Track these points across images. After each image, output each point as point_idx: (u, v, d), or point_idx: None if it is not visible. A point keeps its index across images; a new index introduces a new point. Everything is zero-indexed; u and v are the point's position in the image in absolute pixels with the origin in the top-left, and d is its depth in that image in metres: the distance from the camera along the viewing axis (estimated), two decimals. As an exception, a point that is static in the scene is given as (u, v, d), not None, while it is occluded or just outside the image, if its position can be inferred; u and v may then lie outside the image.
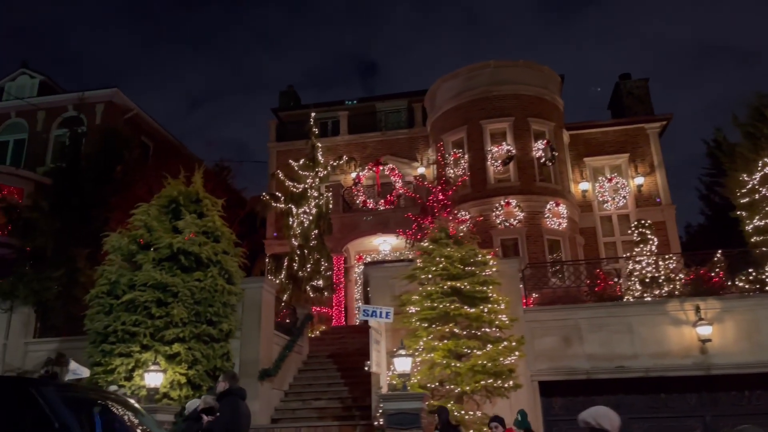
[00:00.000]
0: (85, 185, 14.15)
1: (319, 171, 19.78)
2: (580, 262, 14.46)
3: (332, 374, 13.51)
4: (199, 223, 10.75)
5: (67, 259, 13.25)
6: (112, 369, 9.78)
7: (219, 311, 10.52)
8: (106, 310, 10.08)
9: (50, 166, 21.21)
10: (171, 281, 10.06)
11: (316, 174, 19.78)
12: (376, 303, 11.56)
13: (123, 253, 10.42)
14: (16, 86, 24.62)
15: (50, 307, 12.72)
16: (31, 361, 12.31)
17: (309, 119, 24.07)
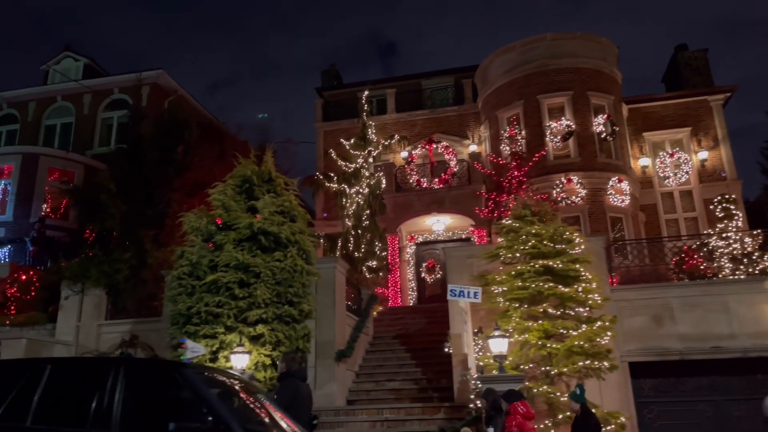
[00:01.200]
0: (148, 166, 14.02)
1: (372, 150, 19.49)
2: (664, 239, 13.98)
3: (401, 355, 13.32)
4: (276, 202, 10.53)
5: (135, 240, 13.19)
6: (200, 352, 9.67)
7: (299, 292, 10.33)
8: (188, 291, 9.95)
9: (111, 148, 21.21)
10: (253, 262, 9.87)
11: (369, 153, 19.49)
12: (454, 283, 11.28)
13: (202, 233, 10.25)
14: (61, 69, 24.63)
15: (121, 289, 12.68)
16: (105, 343, 12.32)
17: (353, 98, 23.88)
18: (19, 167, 20.66)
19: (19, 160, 20.77)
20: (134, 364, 5.06)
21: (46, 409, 4.80)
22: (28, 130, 23.44)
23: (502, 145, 18.61)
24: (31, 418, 4.77)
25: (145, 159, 14.09)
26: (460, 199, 18.14)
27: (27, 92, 23.89)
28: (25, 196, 20.42)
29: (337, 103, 23.41)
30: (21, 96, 23.89)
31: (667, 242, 12.78)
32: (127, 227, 13.22)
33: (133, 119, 14.80)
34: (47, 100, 23.75)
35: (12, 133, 23.75)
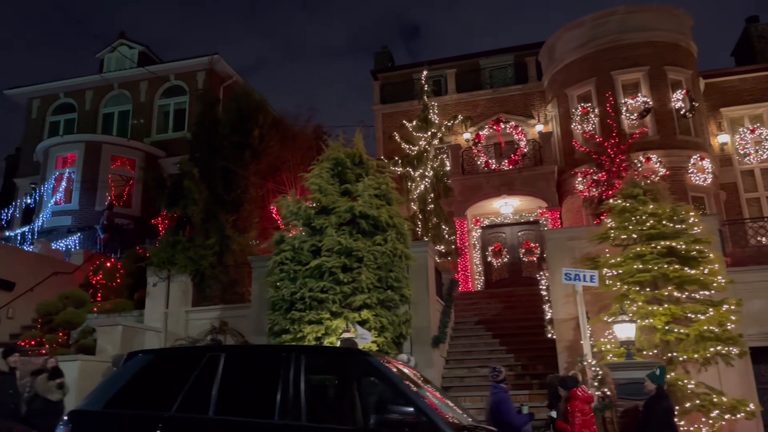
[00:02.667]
0: (225, 151, 13.85)
1: (437, 132, 19.06)
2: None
3: (488, 341, 13.00)
4: (373, 184, 10.24)
5: (217, 226, 13.07)
6: (302, 336, 9.49)
7: (399, 276, 10.07)
8: (291, 277, 9.75)
9: (170, 135, 21.21)
10: (356, 246, 9.62)
11: (434, 135, 19.07)
12: (555, 267, 10.88)
13: (301, 217, 10.01)
14: (116, 57, 24.65)
15: (207, 276, 12.59)
16: (194, 330, 12.26)
17: (409, 79, 23.43)
18: (83, 156, 20.80)
19: (83, 148, 20.91)
20: (315, 351, 4.81)
21: (227, 400, 4.59)
22: (86, 119, 23.57)
23: (574, 123, 17.99)
24: (213, 409, 4.56)
25: (222, 144, 13.91)
26: (531, 180, 17.63)
27: (83, 81, 23.98)
28: (89, 184, 20.56)
29: (392, 85, 22.98)
30: (78, 85, 24.00)
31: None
32: (208, 213, 13.09)
33: (207, 103, 14.60)
34: (104, 88, 23.82)
35: (70, 122, 23.92)
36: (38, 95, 24.39)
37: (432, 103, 19.68)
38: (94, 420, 4.83)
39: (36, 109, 24.36)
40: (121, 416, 4.75)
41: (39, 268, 15.12)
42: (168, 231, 13.03)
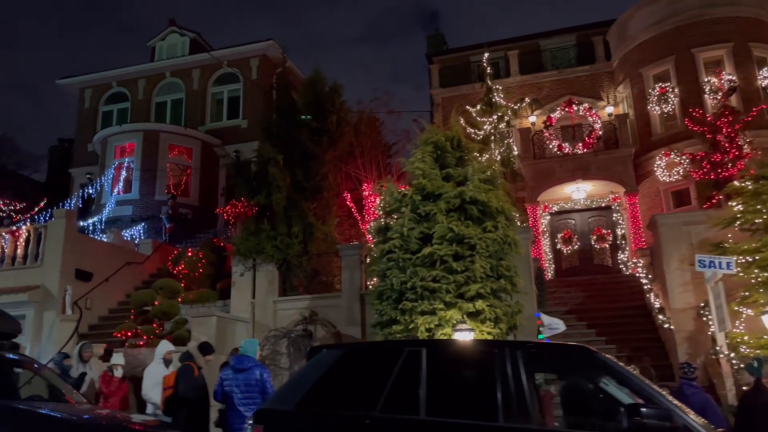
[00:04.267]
0: (303, 137, 13.46)
1: (503, 115, 18.50)
2: None
3: (583, 331, 12.48)
4: (482, 167, 9.77)
5: (299, 214, 12.72)
6: (414, 327, 9.09)
7: (509, 265, 9.61)
8: (399, 266, 9.34)
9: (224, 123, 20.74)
10: (468, 233, 9.17)
11: (501, 119, 18.52)
12: (669, 254, 10.34)
13: (407, 204, 9.58)
14: (167, 45, 24.44)
15: (293, 265, 12.27)
16: (282, 320, 11.97)
17: (465, 62, 22.82)
18: (141, 145, 20.66)
19: (141, 137, 20.77)
20: (533, 347, 4.40)
21: (438, 399, 4.19)
22: (138, 108, 23.43)
23: (650, 104, 17.26)
24: (424, 410, 4.17)
25: (300, 129, 13.52)
26: (607, 164, 16.98)
27: (135, 70, 23.83)
28: (148, 173, 20.42)
29: (448, 68, 22.38)
30: (130, 74, 23.86)
31: None
32: (290, 201, 12.74)
33: (280, 89, 14.20)
34: (156, 77, 23.64)
35: (123, 112, 23.80)
36: (90, 85, 24.31)
37: (496, 86, 19.13)
38: (288, 420, 4.48)
39: (88, 98, 24.29)
40: (319, 416, 4.40)
41: (112, 259, 14.98)
42: (250, 220, 12.70)
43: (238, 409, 6.72)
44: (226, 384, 6.83)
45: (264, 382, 6.74)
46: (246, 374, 6.71)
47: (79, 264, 13.79)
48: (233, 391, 6.75)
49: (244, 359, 6.99)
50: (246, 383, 6.78)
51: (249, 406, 6.71)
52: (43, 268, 13.39)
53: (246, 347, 7.20)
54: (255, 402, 6.75)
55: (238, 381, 6.71)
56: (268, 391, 6.73)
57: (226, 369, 6.92)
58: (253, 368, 6.76)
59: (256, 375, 6.76)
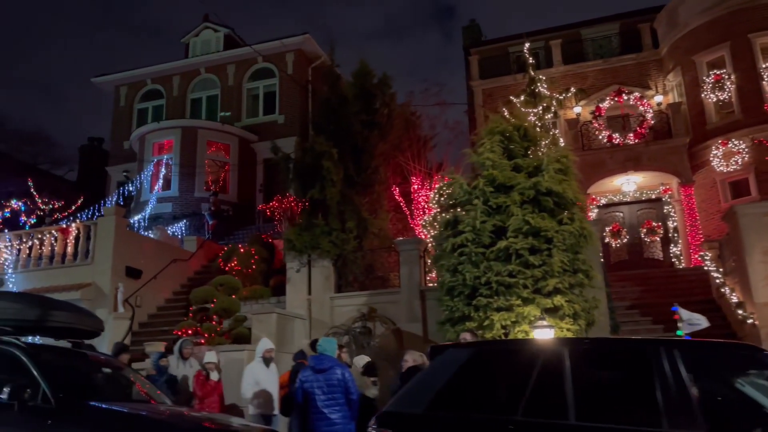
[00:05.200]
0: (354, 130, 13.17)
1: (548, 106, 18.06)
2: None
3: (649, 327, 12.05)
4: (556, 156, 9.39)
5: (353, 209, 12.44)
6: (489, 324, 8.76)
7: (586, 258, 9.23)
8: (472, 260, 9.01)
9: (260, 118, 20.53)
10: (544, 225, 8.81)
11: (546, 109, 18.08)
12: (751, 245, 9.88)
13: (478, 196, 9.23)
14: (201, 41, 24.29)
15: (349, 260, 11.99)
16: (339, 317, 11.70)
17: (504, 53, 22.36)
18: (179, 141, 20.55)
19: (179, 134, 20.65)
20: (691, 345, 4.05)
21: (588, 402, 3.85)
22: (174, 105, 23.33)
23: (704, 92, 16.69)
24: (573, 414, 3.83)
25: (350, 122, 13.23)
26: (661, 154, 16.46)
27: (170, 66, 23.72)
28: (187, 170, 20.30)
29: (486, 59, 21.92)
30: (164, 71, 23.76)
31: None
32: (343, 195, 12.47)
33: (330, 81, 13.91)
34: (190, 73, 23.51)
35: (158, 109, 23.72)
36: (125, 83, 24.27)
37: (540, 76, 18.69)
38: (420, 423, 4.19)
39: (123, 96, 24.25)
40: (454, 420, 4.08)
41: (159, 256, 14.84)
42: (302, 215, 12.44)
43: (321, 411, 6.43)
44: (306, 385, 6.53)
45: (346, 381, 6.44)
46: (327, 374, 6.42)
47: (128, 261, 13.66)
48: (314, 392, 6.45)
49: (324, 359, 6.70)
50: (328, 384, 6.49)
51: (332, 408, 6.44)
52: (94, 265, 13.28)
53: (324, 346, 6.87)
54: (338, 403, 6.46)
55: (320, 381, 6.41)
56: (351, 392, 6.45)
57: (305, 369, 6.62)
58: (333, 368, 6.48)
59: (337, 374, 6.47)
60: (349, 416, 6.52)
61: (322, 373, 6.55)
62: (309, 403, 6.52)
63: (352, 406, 6.54)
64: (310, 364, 6.81)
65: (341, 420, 6.27)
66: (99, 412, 5.02)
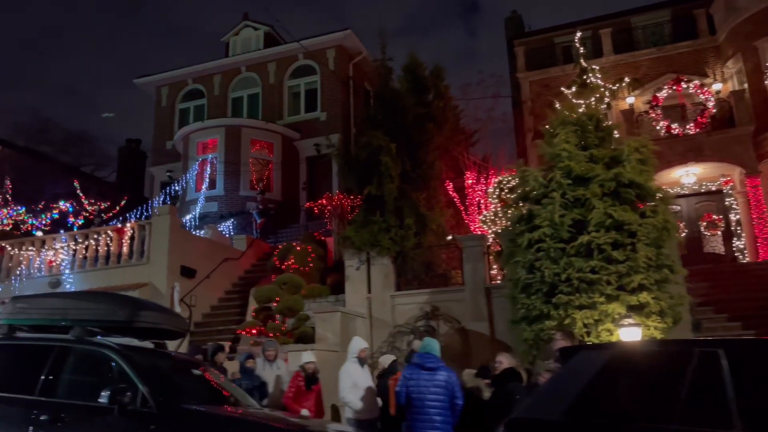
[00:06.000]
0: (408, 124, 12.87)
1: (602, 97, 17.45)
2: None
3: (725, 324, 11.54)
4: (638, 146, 8.94)
5: (410, 205, 12.15)
6: (569, 323, 8.37)
7: (670, 252, 8.77)
8: (551, 256, 8.63)
9: (302, 116, 20.36)
10: (628, 219, 8.39)
11: (600, 100, 17.45)
12: None
13: (556, 189, 8.83)
14: (241, 40, 24.26)
15: (410, 257, 11.70)
16: (400, 315, 11.43)
17: (549, 44, 21.83)
18: (224, 140, 20.52)
19: (223, 133, 20.62)
20: None
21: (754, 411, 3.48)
22: (215, 104, 23.33)
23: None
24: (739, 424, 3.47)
25: (405, 116, 12.92)
26: (723, 144, 15.77)
27: (210, 66, 23.73)
28: (231, 169, 20.26)
29: (532, 51, 21.40)
30: (205, 70, 23.78)
31: None
32: (400, 191, 12.18)
33: (383, 75, 13.62)
34: (231, 72, 23.49)
35: (199, 109, 23.75)
36: (166, 83, 24.36)
37: (593, 66, 18.09)
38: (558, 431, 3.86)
39: (165, 97, 24.36)
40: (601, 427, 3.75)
41: (211, 255, 14.78)
42: (359, 212, 12.19)
43: (425, 411, 6.05)
44: (411, 383, 6.16)
45: (453, 384, 6.10)
46: (433, 374, 6.07)
47: (183, 260, 13.60)
48: (420, 390, 6.09)
49: (431, 357, 6.29)
50: (434, 384, 6.11)
51: (438, 410, 6.07)
52: (150, 265, 13.25)
53: (430, 345, 6.49)
54: (443, 405, 6.10)
55: (426, 381, 6.06)
56: (458, 396, 6.11)
57: (409, 367, 6.28)
58: (440, 368, 6.14)
59: (444, 375, 6.11)
60: (450, 421, 6.14)
61: (429, 372, 6.17)
62: (411, 402, 6.16)
63: (455, 411, 6.16)
64: (416, 361, 6.40)
65: (442, 425, 5.93)
66: (203, 417, 4.81)
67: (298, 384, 6.78)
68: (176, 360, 6.02)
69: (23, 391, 5.22)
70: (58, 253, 14.08)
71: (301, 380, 6.81)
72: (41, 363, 5.34)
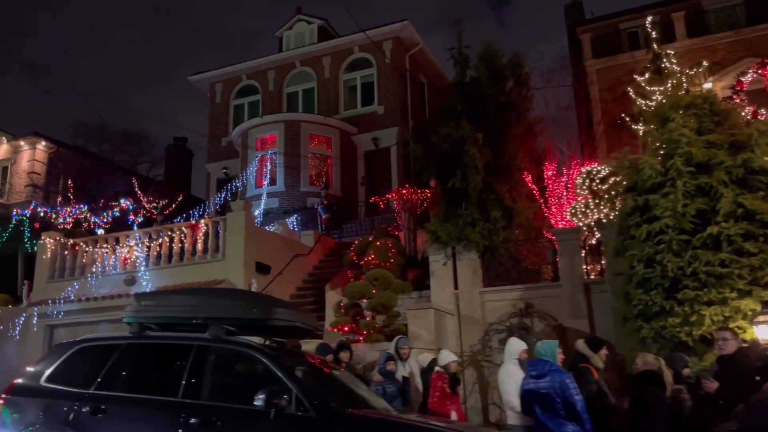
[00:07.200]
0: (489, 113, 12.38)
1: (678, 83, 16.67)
2: None
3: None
4: (763, 129, 8.31)
5: (495, 197, 11.67)
6: (695, 320, 7.82)
7: (804, 244, 8.11)
8: (673, 248, 8.07)
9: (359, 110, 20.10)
10: (761, 208, 7.78)
11: (677, 87, 16.68)
12: None
13: (677, 177, 8.26)
14: (294, 34, 24.06)
15: (497, 252, 11.24)
16: (490, 313, 10.97)
17: (615, 31, 21.03)
18: (283, 136, 20.34)
19: (282, 128, 20.44)
20: None
21: None
22: (270, 100, 23.19)
23: None
24: None
25: (485, 105, 12.44)
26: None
27: (264, 61, 23.60)
28: (291, 164, 20.08)
29: (597, 38, 20.63)
30: (259, 66, 23.66)
31: None
32: (484, 183, 11.70)
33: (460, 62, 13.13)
34: (285, 67, 23.30)
35: (254, 105, 23.65)
36: (220, 80, 24.33)
37: (668, 51, 17.30)
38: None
39: (219, 93, 24.33)
40: None
41: (282, 251, 14.56)
42: (441, 205, 11.76)
43: (542, 424, 5.65)
44: (523, 394, 5.83)
45: (564, 390, 5.61)
46: (543, 382, 5.67)
47: (258, 257, 13.40)
48: (532, 402, 5.71)
49: (542, 364, 5.93)
50: (544, 392, 5.72)
51: (554, 420, 5.64)
52: (225, 261, 13.07)
53: (545, 349, 6.10)
54: (559, 414, 5.67)
55: (536, 390, 5.67)
56: (572, 401, 5.60)
57: (525, 378, 5.84)
58: (551, 373, 5.70)
59: (559, 381, 5.67)
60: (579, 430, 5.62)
61: (542, 380, 5.79)
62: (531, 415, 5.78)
63: (578, 418, 5.63)
64: (528, 371, 6.03)
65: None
66: (369, 422, 4.46)
67: (442, 386, 6.37)
68: (309, 360, 5.70)
69: (165, 393, 4.97)
70: (132, 250, 14.04)
71: (446, 382, 6.40)
72: (181, 363, 5.08)
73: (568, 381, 5.81)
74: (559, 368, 6.02)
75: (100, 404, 4.99)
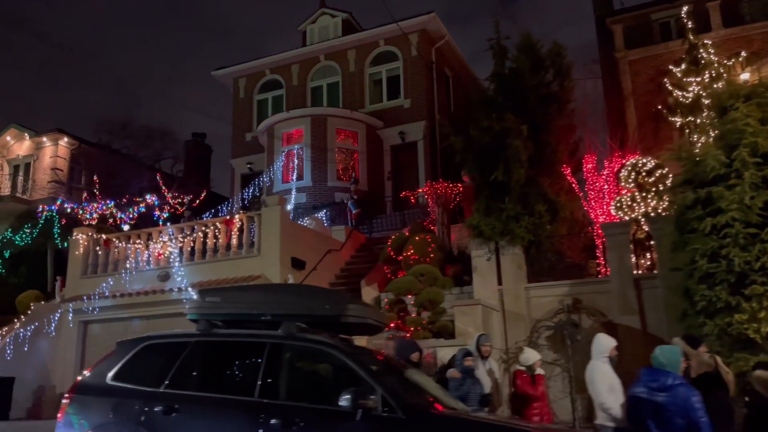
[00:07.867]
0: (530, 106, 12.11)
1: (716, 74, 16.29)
2: None
3: None
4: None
5: (538, 191, 11.41)
6: (764, 316, 7.54)
7: None
8: (739, 242, 7.79)
9: (384, 104, 19.84)
10: (834, 201, 7.48)
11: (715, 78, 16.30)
12: None
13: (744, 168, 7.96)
14: (318, 28, 23.84)
15: (544, 247, 10.99)
16: (536, 309, 10.74)
17: (646, 21, 20.63)
18: (309, 130, 20.16)
19: (308, 123, 20.27)
20: None
21: None
22: (294, 94, 23.00)
23: None
24: None
25: (526, 97, 12.16)
26: None
27: (288, 55, 23.40)
28: (318, 159, 19.91)
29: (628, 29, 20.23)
30: (282, 60, 23.46)
31: None
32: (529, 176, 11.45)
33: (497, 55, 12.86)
34: (309, 61, 23.09)
35: (278, 99, 23.47)
36: (243, 74, 24.17)
37: (705, 41, 16.91)
38: None
39: (242, 88, 24.18)
40: None
41: (316, 246, 14.38)
42: (482, 199, 11.52)
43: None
44: (635, 406, 5.12)
45: (687, 408, 4.81)
46: (668, 395, 4.86)
47: (293, 252, 13.25)
48: (644, 417, 4.95)
49: (662, 375, 5.02)
50: (659, 407, 4.90)
51: None
52: (261, 257, 12.93)
53: (667, 357, 5.11)
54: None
55: (651, 403, 4.94)
56: (695, 420, 4.76)
57: (637, 385, 5.10)
58: (677, 387, 4.89)
59: (683, 399, 4.84)
60: None
61: (662, 393, 4.92)
62: (639, 426, 5.06)
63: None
64: (644, 380, 5.14)
65: None
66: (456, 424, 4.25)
67: (527, 386, 6.11)
68: (380, 358, 5.51)
69: (240, 392, 4.79)
70: (166, 245, 13.94)
71: (529, 382, 6.12)
72: (254, 361, 4.90)
73: (694, 399, 4.90)
74: (684, 383, 5.13)
75: (173, 403, 4.82)
